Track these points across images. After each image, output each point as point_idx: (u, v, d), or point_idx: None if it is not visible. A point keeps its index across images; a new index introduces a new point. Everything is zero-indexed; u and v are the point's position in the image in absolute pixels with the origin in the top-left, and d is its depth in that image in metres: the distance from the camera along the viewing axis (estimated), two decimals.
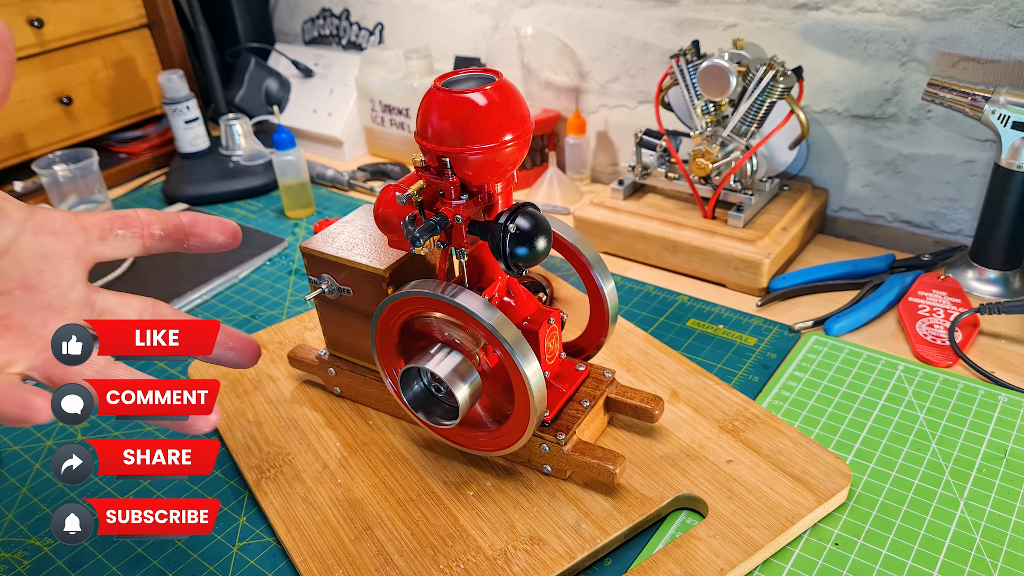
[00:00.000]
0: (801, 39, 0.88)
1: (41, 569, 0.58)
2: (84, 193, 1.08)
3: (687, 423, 0.63)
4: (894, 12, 0.81)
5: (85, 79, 1.20)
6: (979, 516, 0.56)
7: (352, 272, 0.61)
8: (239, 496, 0.62)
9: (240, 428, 0.67)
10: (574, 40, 1.06)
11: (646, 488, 0.58)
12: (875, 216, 0.91)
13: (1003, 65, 0.78)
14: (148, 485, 0.64)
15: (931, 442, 0.62)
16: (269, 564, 0.57)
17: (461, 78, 0.53)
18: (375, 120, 1.22)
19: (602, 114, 1.08)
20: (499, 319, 0.52)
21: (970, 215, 0.85)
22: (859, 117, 0.88)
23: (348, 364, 0.67)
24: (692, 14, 0.94)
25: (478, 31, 1.16)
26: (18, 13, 1.10)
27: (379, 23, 1.30)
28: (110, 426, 0.71)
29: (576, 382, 0.62)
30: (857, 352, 0.72)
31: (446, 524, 0.57)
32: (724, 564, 0.52)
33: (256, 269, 0.95)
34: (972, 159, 0.83)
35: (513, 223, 0.51)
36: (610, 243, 0.92)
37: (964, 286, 0.80)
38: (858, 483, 0.59)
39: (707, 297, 0.83)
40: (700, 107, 0.86)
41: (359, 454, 0.63)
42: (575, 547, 0.54)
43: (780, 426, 0.62)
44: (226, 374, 0.73)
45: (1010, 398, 0.66)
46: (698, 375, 0.68)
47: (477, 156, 0.50)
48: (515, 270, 0.52)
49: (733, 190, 0.86)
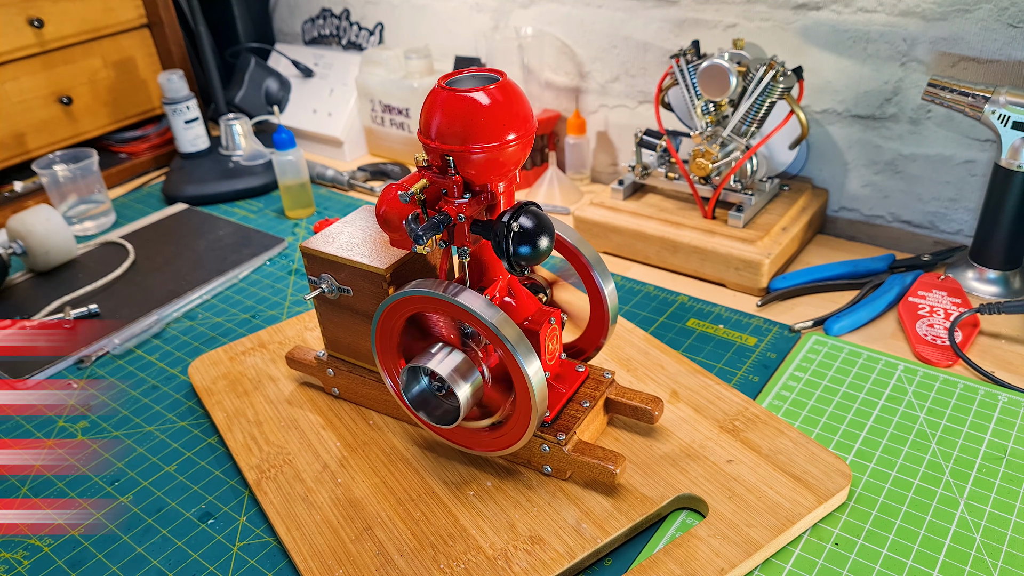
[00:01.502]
0: (801, 39, 0.88)
1: (41, 569, 0.58)
2: (84, 193, 1.08)
3: (687, 423, 0.63)
4: (894, 12, 0.81)
5: (85, 79, 1.20)
6: (979, 516, 0.56)
7: (352, 272, 0.61)
8: (239, 496, 0.62)
9: (240, 428, 0.67)
10: (574, 40, 1.06)
11: (646, 488, 0.58)
12: (875, 216, 0.91)
13: (1003, 65, 0.78)
14: (148, 485, 0.64)
15: (931, 442, 0.62)
16: (269, 564, 0.57)
17: (465, 78, 0.53)
18: (375, 120, 1.22)
19: (602, 114, 1.08)
20: (501, 318, 0.52)
21: (970, 215, 0.85)
22: (859, 117, 0.88)
23: (347, 365, 0.67)
24: (692, 14, 0.94)
25: (478, 31, 1.16)
26: (18, 13, 1.10)
27: (379, 23, 1.30)
28: (110, 426, 0.71)
29: (576, 383, 0.62)
30: (857, 352, 0.72)
31: (446, 524, 0.57)
32: (724, 564, 0.52)
33: (256, 269, 0.95)
34: (972, 159, 0.83)
35: (516, 222, 0.51)
36: (610, 243, 0.92)
37: (964, 286, 0.80)
38: (858, 483, 0.59)
39: (707, 297, 0.83)
40: (700, 107, 0.86)
41: (359, 454, 0.63)
42: (575, 547, 0.54)
43: (780, 426, 0.62)
44: (226, 374, 0.73)
45: (1010, 398, 0.66)
46: (698, 375, 0.68)
47: (480, 155, 0.50)
48: (518, 269, 0.52)
49: (733, 190, 0.86)
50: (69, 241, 0.96)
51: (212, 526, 0.60)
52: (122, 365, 0.79)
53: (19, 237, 0.93)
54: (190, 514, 0.61)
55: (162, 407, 0.73)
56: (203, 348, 0.81)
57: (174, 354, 0.81)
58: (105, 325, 0.84)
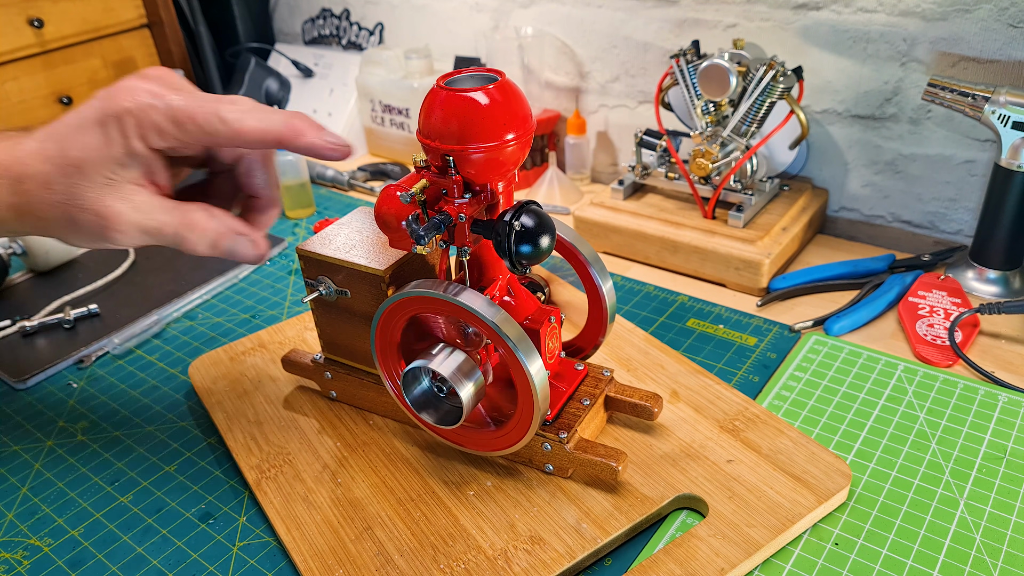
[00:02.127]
0: (801, 39, 0.88)
1: (41, 569, 0.58)
2: None
3: (687, 423, 0.63)
4: (894, 12, 0.81)
5: (85, 79, 1.20)
6: (979, 516, 0.56)
7: (350, 273, 0.61)
8: (239, 496, 0.62)
9: (240, 428, 0.67)
10: (574, 40, 1.06)
11: (646, 488, 0.58)
12: (875, 216, 0.91)
13: (1003, 65, 0.78)
14: (148, 485, 0.64)
15: (931, 442, 0.62)
16: (269, 564, 0.57)
17: (464, 77, 0.53)
18: (375, 120, 1.22)
19: (602, 114, 1.08)
20: (503, 317, 0.52)
21: (970, 215, 0.85)
22: (859, 117, 0.88)
23: (344, 368, 0.67)
24: (692, 14, 0.94)
25: (478, 31, 1.16)
26: (18, 13, 1.10)
27: (379, 23, 1.30)
28: (110, 426, 0.71)
29: (576, 381, 0.62)
30: (857, 352, 0.72)
31: (446, 524, 0.57)
32: (724, 564, 0.52)
33: (256, 269, 0.95)
34: (972, 159, 0.83)
35: (518, 221, 0.51)
36: (610, 243, 0.92)
37: (964, 286, 0.80)
38: (858, 483, 0.59)
39: (707, 297, 0.83)
40: (700, 107, 0.86)
41: (359, 454, 0.63)
42: (575, 547, 0.54)
43: (780, 426, 0.62)
44: (226, 374, 0.73)
45: (1010, 398, 0.66)
46: (698, 375, 0.68)
47: (480, 155, 0.50)
48: (519, 268, 0.53)
49: (733, 190, 0.86)
50: None
51: (212, 526, 0.60)
52: (122, 365, 0.79)
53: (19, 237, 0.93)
54: (190, 514, 0.61)
55: (162, 407, 0.73)
56: (203, 348, 0.81)
57: (174, 354, 0.81)
58: (105, 325, 0.84)
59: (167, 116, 0.49)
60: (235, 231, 0.54)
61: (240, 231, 0.54)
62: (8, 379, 0.77)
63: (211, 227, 0.53)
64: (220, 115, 0.50)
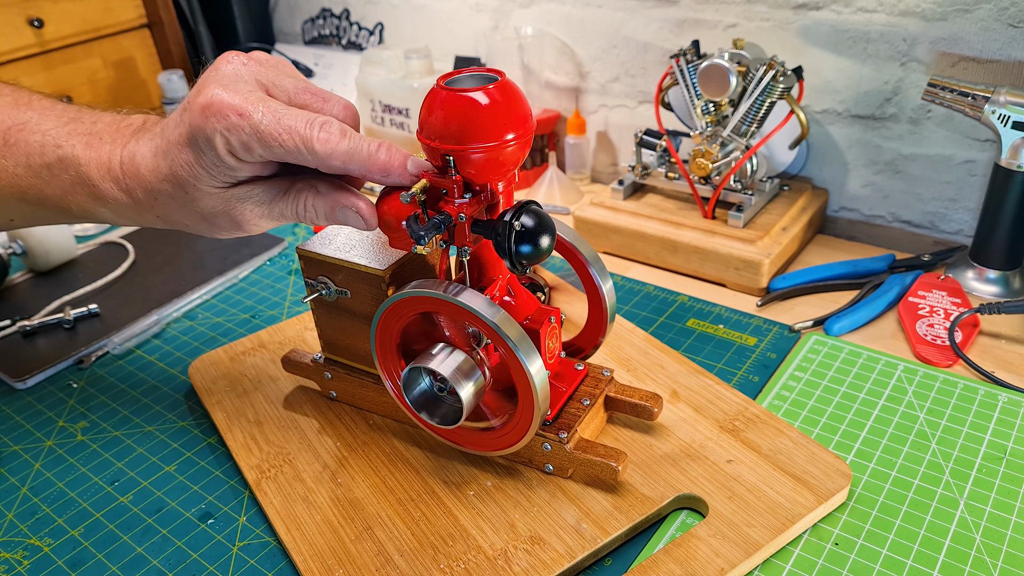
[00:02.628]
0: (801, 39, 0.88)
1: (41, 569, 0.58)
2: None
3: (687, 423, 0.63)
4: (894, 12, 0.81)
5: (85, 79, 1.20)
6: (979, 516, 0.56)
7: (350, 274, 0.61)
8: (239, 496, 0.62)
9: (240, 428, 0.67)
10: (574, 40, 1.06)
11: (646, 488, 0.58)
12: (875, 216, 0.91)
13: (1003, 65, 0.78)
14: (148, 485, 0.64)
15: (931, 442, 0.62)
16: (269, 564, 0.57)
17: (464, 77, 0.53)
18: (375, 120, 1.22)
19: (602, 114, 1.08)
20: (503, 317, 0.52)
21: (970, 215, 0.85)
22: (859, 117, 0.88)
23: (344, 368, 0.67)
24: (692, 14, 0.94)
25: (478, 31, 1.16)
26: (18, 13, 1.10)
27: (379, 23, 1.30)
28: (110, 426, 0.71)
29: (575, 381, 0.62)
30: (857, 352, 0.72)
31: (446, 524, 0.57)
32: (724, 564, 0.52)
33: (256, 269, 0.95)
34: (972, 159, 0.83)
35: (518, 221, 0.51)
36: (610, 243, 0.92)
37: (964, 286, 0.80)
38: (858, 483, 0.59)
39: (707, 297, 0.83)
40: (700, 107, 0.86)
41: (359, 454, 0.63)
42: (575, 547, 0.54)
43: (780, 426, 0.62)
44: (226, 374, 0.73)
45: (1010, 398, 0.66)
46: (698, 375, 0.68)
47: (480, 155, 0.50)
48: (519, 268, 0.53)
49: (733, 190, 0.86)
50: (69, 241, 0.96)
51: (212, 526, 0.60)
52: (122, 365, 0.79)
53: (19, 237, 0.93)
54: (190, 514, 0.61)
55: (162, 407, 0.73)
56: (203, 348, 0.81)
57: (174, 354, 0.81)
58: (105, 325, 0.84)
59: (254, 138, 0.50)
60: (340, 204, 0.54)
61: (344, 203, 0.54)
62: (8, 379, 0.77)
63: (320, 205, 0.55)
64: (309, 145, 0.51)
